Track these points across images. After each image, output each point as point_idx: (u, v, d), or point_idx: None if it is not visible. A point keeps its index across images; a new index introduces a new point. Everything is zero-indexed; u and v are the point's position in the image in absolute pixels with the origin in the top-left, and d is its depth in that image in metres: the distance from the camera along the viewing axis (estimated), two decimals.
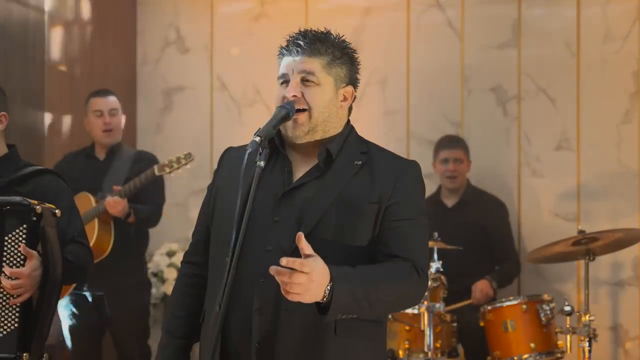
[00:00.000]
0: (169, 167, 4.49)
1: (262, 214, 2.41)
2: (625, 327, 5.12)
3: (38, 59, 5.22)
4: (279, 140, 2.47)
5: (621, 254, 4.82)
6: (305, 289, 2.17)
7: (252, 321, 2.37)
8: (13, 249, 2.78)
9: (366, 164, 2.45)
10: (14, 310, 2.80)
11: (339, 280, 2.22)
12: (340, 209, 2.37)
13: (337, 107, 2.46)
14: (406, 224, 2.41)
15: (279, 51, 2.48)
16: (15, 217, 2.78)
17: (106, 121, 4.77)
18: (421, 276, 2.38)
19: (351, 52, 2.49)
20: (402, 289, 2.36)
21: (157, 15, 6.01)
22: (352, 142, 2.49)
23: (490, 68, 5.38)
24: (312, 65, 2.41)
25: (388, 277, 2.33)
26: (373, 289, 2.28)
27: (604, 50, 5.17)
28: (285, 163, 2.47)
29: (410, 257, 2.38)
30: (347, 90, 2.48)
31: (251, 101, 5.79)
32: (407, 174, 2.45)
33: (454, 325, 4.56)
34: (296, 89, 2.41)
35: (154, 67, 6.00)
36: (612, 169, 5.14)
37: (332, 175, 2.43)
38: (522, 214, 5.31)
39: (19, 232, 2.78)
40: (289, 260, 2.16)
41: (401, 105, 5.51)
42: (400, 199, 2.41)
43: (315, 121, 2.42)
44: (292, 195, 2.42)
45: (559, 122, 5.25)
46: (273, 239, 2.39)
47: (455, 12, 5.45)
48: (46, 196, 2.96)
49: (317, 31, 2.46)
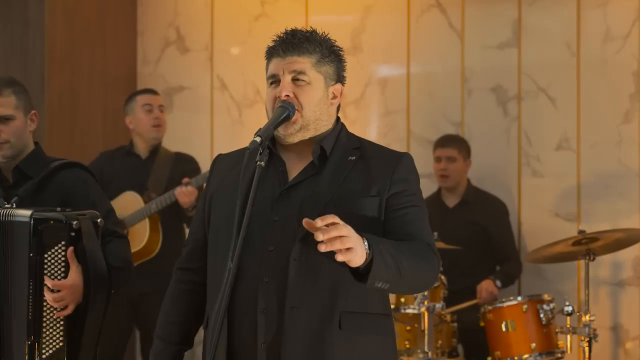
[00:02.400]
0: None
1: (261, 214, 2.41)
2: (625, 327, 5.12)
3: (38, 59, 5.22)
4: (270, 141, 2.46)
5: (621, 254, 4.81)
6: (355, 240, 2.16)
7: (258, 321, 2.37)
8: (53, 266, 2.76)
9: (360, 158, 2.46)
10: (59, 327, 2.78)
11: (374, 239, 2.24)
12: (339, 204, 2.37)
13: (328, 105, 2.48)
14: (411, 210, 2.43)
15: (266, 52, 2.49)
16: (54, 234, 2.77)
17: (156, 115, 4.76)
18: (436, 255, 2.41)
19: (337, 49, 2.51)
20: (425, 264, 2.38)
21: (157, 15, 6.01)
22: (343, 139, 2.51)
23: (490, 68, 5.38)
24: (302, 65, 2.42)
25: (412, 250, 2.34)
26: (404, 256, 2.29)
27: (604, 50, 5.17)
28: (279, 163, 2.48)
29: (422, 240, 2.41)
30: (337, 88, 2.49)
31: (251, 101, 5.79)
32: (402, 164, 2.47)
33: (454, 325, 4.56)
34: (288, 89, 2.41)
35: (154, 67, 6.00)
36: (612, 169, 5.14)
37: (328, 172, 2.43)
38: (522, 214, 5.31)
39: (59, 249, 2.77)
40: (322, 218, 2.15)
41: (401, 105, 5.51)
42: (400, 189, 2.43)
43: (307, 120, 2.43)
44: (289, 195, 2.43)
45: (560, 122, 5.25)
46: (274, 239, 2.39)
47: (455, 12, 5.45)
48: (81, 190, 2.99)
49: (303, 30, 2.48)
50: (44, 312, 2.77)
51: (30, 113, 3.11)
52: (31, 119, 3.12)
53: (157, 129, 4.77)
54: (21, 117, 3.08)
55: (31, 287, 2.75)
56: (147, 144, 4.80)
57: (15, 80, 3.18)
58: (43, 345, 2.77)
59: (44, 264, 2.75)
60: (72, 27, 5.50)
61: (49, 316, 2.78)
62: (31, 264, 2.75)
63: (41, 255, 2.75)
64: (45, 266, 2.75)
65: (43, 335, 2.77)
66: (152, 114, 4.76)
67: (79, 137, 5.52)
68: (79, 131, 5.53)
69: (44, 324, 2.77)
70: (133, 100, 4.84)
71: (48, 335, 2.78)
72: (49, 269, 2.76)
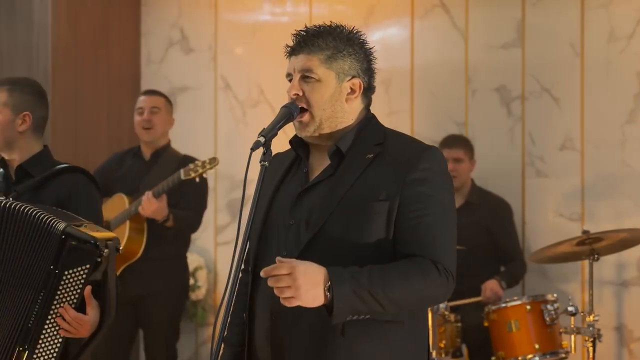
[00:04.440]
0: (194, 172, 4.42)
1: (281, 217, 2.41)
2: (629, 327, 5.11)
3: (42, 60, 5.23)
4: (301, 142, 2.46)
5: (626, 254, 4.81)
6: (294, 290, 2.14)
7: (269, 325, 2.37)
8: (71, 285, 2.72)
9: (379, 155, 2.37)
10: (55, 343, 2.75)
11: (339, 280, 2.18)
12: (346, 208, 2.32)
13: (342, 101, 2.42)
14: (424, 220, 2.30)
15: (285, 50, 2.48)
16: (80, 255, 2.72)
17: (144, 118, 4.75)
18: (441, 273, 2.28)
19: (358, 42, 2.45)
20: (417, 287, 2.26)
21: (161, 15, 6.01)
22: (367, 135, 2.43)
23: (494, 68, 5.38)
24: (310, 62, 2.39)
25: (400, 275, 2.23)
26: (380, 287, 2.20)
27: (608, 50, 5.16)
28: (304, 164, 2.46)
29: (428, 254, 2.29)
30: (354, 83, 2.43)
31: (255, 101, 5.79)
32: (422, 161, 2.34)
33: (458, 325, 4.56)
34: (297, 88, 2.40)
35: (158, 68, 6.00)
36: (616, 169, 5.13)
37: (341, 173, 2.38)
38: (526, 214, 5.31)
39: (81, 271, 2.72)
40: (265, 269, 2.15)
41: (405, 105, 5.51)
42: (414, 192, 2.31)
43: (319, 118, 2.40)
44: (307, 197, 2.40)
45: (563, 122, 5.24)
46: (287, 243, 2.38)
47: (459, 12, 5.45)
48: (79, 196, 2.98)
49: (318, 26, 2.44)
50: (46, 325, 2.75)
51: (22, 113, 3.11)
52: (22, 120, 3.11)
53: (146, 131, 4.76)
54: (7, 114, 3.09)
55: (41, 297, 2.72)
56: (148, 146, 4.81)
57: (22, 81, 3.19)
58: (35, 356, 2.74)
59: (62, 280, 2.73)
60: (76, 28, 5.51)
61: (49, 331, 2.75)
62: (49, 275, 2.71)
63: (62, 270, 2.71)
64: (62, 283, 2.71)
65: (38, 346, 2.74)
66: (142, 117, 4.77)
67: (83, 137, 5.53)
68: (83, 131, 5.54)
69: (41, 337, 2.75)
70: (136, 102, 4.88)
71: (43, 349, 2.74)
72: (64, 287, 2.72)
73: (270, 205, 2.45)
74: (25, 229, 2.76)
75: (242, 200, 2.32)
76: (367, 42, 2.48)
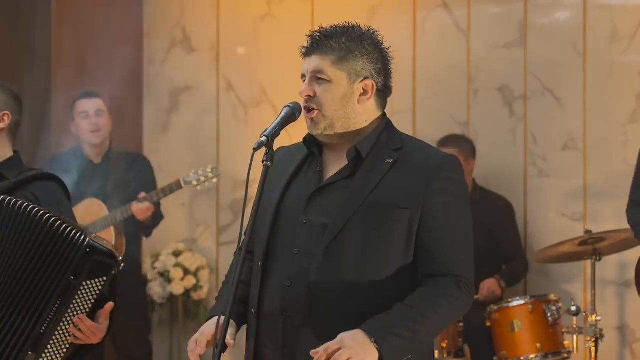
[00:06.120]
0: (196, 181, 4.61)
1: (294, 214, 2.41)
2: (632, 327, 5.11)
3: (45, 61, 5.23)
4: (314, 141, 2.46)
5: (628, 254, 4.80)
6: (354, 354, 2.18)
7: (279, 324, 2.37)
8: (86, 295, 2.75)
9: (398, 162, 2.38)
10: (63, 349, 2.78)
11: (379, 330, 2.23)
12: (366, 215, 2.33)
13: (355, 102, 2.42)
14: (444, 234, 2.35)
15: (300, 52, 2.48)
16: (100, 267, 2.76)
17: (92, 122, 4.79)
18: (462, 289, 2.34)
19: (372, 43, 2.46)
20: (447, 313, 2.36)
21: (163, 15, 6.01)
22: (385, 139, 2.44)
23: (496, 68, 5.37)
24: (320, 63, 2.40)
25: (432, 309, 2.31)
26: (419, 317, 2.28)
27: (610, 49, 5.16)
28: (318, 163, 2.46)
29: (450, 270, 2.34)
30: (367, 84, 2.44)
31: (257, 101, 5.79)
32: (443, 171, 2.38)
33: (460, 325, 4.56)
34: (308, 89, 2.41)
35: (160, 68, 6.00)
36: (618, 168, 5.13)
37: (361, 177, 2.38)
38: (528, 213, 5.30)
39: (98, 283, 2.76)
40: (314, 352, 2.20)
41: (407, 105, 5.51)
42: (435, 202, 2.34)
43: (330, 119, 2.40)
44: (321, 196, 2.40)
45: (566, 121, 5.24)
46: (300, 241, 2.38)
47: (461, 12, 5.44)
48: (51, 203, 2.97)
49: (331, 27, 2.45)
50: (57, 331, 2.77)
51: (1, 112, 3.09)
52: (1, 119, 3.09)
53: (95, 134, 4.80)
54: None
55: (57, 305, 2.75)
56: (96, 149, 4.85)
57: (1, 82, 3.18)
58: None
59: (79, 289, 2.75)
60: (78, 29, 5.51)
61: (58, 337, 2.78)
62: (68, 285, 2.73)
63: (80, 281, 2.74)
64: (79, 292, 2.75)
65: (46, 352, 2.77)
66: (89, 120, 4.80)
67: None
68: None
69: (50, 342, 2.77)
70: (73, 106, 4.88)
71: (50, 354, 2.78)
72: (80, 296, 2.75)
73: (281, 201, 2.44)
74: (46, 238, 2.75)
75: (244, 200, 2.32)
76: (382, 42, 2.49)
